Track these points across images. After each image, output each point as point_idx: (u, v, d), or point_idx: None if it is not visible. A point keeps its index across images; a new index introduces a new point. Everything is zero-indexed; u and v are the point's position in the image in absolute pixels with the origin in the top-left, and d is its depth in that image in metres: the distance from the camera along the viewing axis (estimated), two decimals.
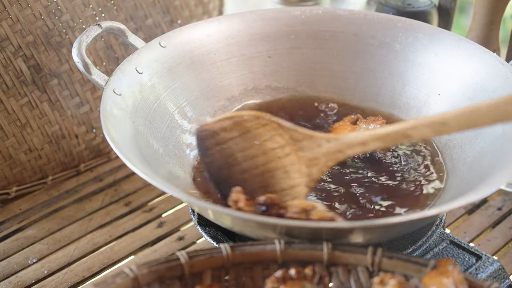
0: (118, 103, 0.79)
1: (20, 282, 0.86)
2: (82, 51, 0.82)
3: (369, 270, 0.65)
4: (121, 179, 1.03)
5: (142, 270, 0.63)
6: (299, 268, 0.63)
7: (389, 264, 0.64)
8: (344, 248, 0.65)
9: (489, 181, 0.69)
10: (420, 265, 0.63)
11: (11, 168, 0.97)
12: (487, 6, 1.00)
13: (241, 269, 0.66)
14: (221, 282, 0.65)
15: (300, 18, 0.95)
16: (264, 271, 0.66)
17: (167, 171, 0.79)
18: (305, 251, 0.65)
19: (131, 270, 0.63)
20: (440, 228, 0.77)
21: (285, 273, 0.63)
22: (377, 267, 0.64)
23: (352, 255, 0.65)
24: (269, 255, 0.65)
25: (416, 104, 0.90)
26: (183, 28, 0.91)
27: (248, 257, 0.65)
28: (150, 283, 0.63)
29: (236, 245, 0.65)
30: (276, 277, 0.63)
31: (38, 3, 0.95)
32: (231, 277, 0.65)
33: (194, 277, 0.65)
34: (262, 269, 0.66)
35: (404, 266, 0.63)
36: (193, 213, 0.81)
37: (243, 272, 0.66)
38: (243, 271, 0.66)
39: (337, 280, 0.64)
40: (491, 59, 0.84)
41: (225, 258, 0.65)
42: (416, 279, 0.63)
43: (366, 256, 0.64)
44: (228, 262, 0.65)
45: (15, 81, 0.95)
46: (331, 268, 0.65)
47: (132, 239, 0.93)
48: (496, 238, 0.91)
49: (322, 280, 0.63)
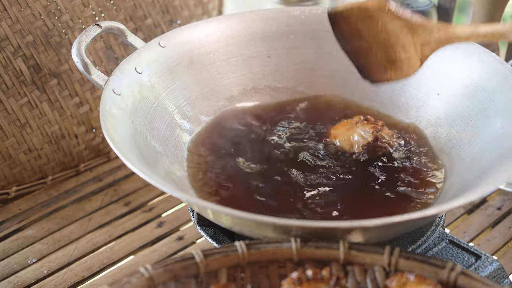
0: (117, 103, 0.79)
1: (20, 282, 0.86)
2: (82, 51, 0.82)
3: (385, 270, 0.64)
4: (120, 179, 1.03)
5: (157, 269, 0.63)
6: (316, 269, 0.63)
7: (406, 265, 0.63)
8: (361, 248, 0.64)
9: (488, 181, 0.69)
10: (437, 266, 0.62)
11: (11, 168, 0.97)
12: (486, 6, 1.00)
13: (257, 268, 0.65)
14: (236, 280, 0.65)
15: (299, 18, 0.95)
16: (280, 269, 0.65)
17: (166, 171, 0.79)
18: (321, 250, 0.64)
19: (146, 269, 0.62)
20: (440, 227, 0.77)
21: (301, 274, 0.63)
22: (394, 267, 0.64)
23: (368, 255, 0.64)
24: (285, 254, 0.65)
25: (416, 104, 0.90)
26: (183, 28, 0.91)
27: (264, 255, 0.65)
28: (165, 282, 0.63)
29: (251, 243, 0.65)
30: (292, 278, 0.62)
31: (38, 3, 0.95)
32: (247, 276, 0.65)
33: (209, 275, 0.64)
34: (278, 267, 0.65)
35: (421, 267, 0.63)
36: (192, 213, 0.81)
37: (258, 270, 0.65)
38: (259, 269, 0.65)
39: (353, 279, 0.64)
40: (490, 58, 0.84)
41: (241, 256, 0.65)
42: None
43: (383, 256, 0.64)
44: (243, 260, 0.65)
45: (15, 81, 0.95)
46: (347, 267, 0.65)
47: (131, 239, 0.93)
48: (496, 237, 0.91)
49: (338, 281, 0.62)
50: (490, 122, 0.80)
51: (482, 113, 0.81)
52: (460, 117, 0.84)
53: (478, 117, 0.82)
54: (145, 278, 0.62)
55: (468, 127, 0.82)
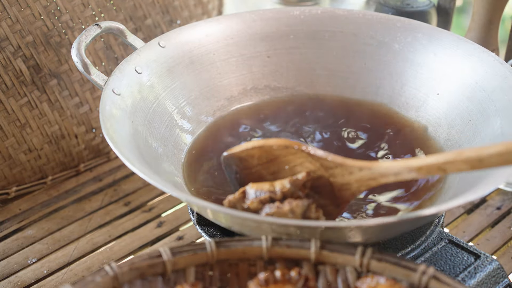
0: (117, 103, 0.79)
1: (20, 282, 0.86)
2: (82, 51, 0.82)
3: (357, 270, 0.63)
4: (120, 179, 1.03)
5: (122, 268, 0.61)
6: (284, 270, 0.62)
7: (378, 266, 0.62)
8: (333, 248, 0.63)
9: (488, 180, 0.69)
10: (409, 269, 0.61)
11: (11, 168, 0.97)
12: (486, 6, 1.00)
13: (226, 266, 0.64)
14: (205, 279, 0.63)
15: (299, 18, 0.96)
16: (250, 267, 0.64)
17: (166, 171, 0.79)
18: (292, 249, 0.63)
19: (111, 267, 0.61)
20: (439, 227, 0.77)
21: (269, 275, 0.61)
22: (366, 268, 0.62)
23: (340, 255, 0.63)
24: (255, 252, 0.63)
25: (415, 104, 0.90)
26: (183, 28, 0.91)
27: (233, 253, 0.63)
28: (131, 281, 0.61)
29: (221, 241, 0.64)
30: (259, 279, 0.61)
31: (38, 3, 0.95)
32: (215, 274, 0.64)
33: (177, 274, 0.63)
34: (248, 265, 0.64)
35: (393, 269, 0.61)
36: (192, 212, 0.81)
37: (228, 268, 0.64)
38: (228, 267, 0.64)
39: (324, 279, 0.63)
40: (490, 58, 0.84)
41: (210, 254, 0.63)
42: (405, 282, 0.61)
43: (355, 257, 0.62)
44: (212, 258, 0.63)
45: (15, 81, 0.95)
46: (319, 266, 0.63)
47: (131, 239, 0.93)
48: (495, 237, 0.91)
49: (307, 283, 0.61)
50: (489, 122, 0.80)
51: (482, 113, 0.81)
52: (459, 117, 0.84)
53: (478, 117, 0.82)
54: (110, 277, 0.60)
55: (467, 127, 0.82)
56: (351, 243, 0.66)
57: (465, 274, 0.72)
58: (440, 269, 0.73)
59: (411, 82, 0.90)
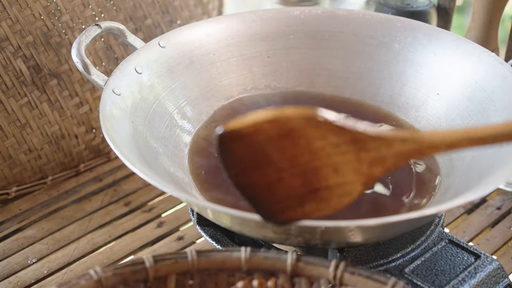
0: (117, 103, 0.79)
1: (20, 282, 0.86)
2: (82, 51, 0.82)
3: (331, 283, 0.64)
4: (120, 179, 1.03)
5: (106, 272, 0.63)
6: (262, 280, 0.63)
7: (351, 279, 0.63)
8: (307, 260, 0.64)
9: (488, 180, 0.69)
10: (380, 282, 0.62)
11: (11, 168, 0.97)
12: (486, 6, 1.00)
13: (206, 275, 0.66)
14: (185, 287, 0.65)
15: (299, 18, 0.96)
16: (229, 278, 0.66)
17: (166, 171, 0.79)
18: (269, 261, 0.65)
19: (95, 272, 0.63)
20: (439, 227, 0.77)
21: (247, 285, 0.63)
22: (339, 281, 0.63)
23: (315, 267, 0.64)
24: (234, 263, 0.65)
25: (415, 104, 0.90)
26: (183, 28, 0.91)
27: (213, 263, 0.65)
28: (114, 285, 0.63)
29: (202, 251, 0.66)
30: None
31: (38, 3, 0.95)
32: (195, 283, 0.65)
33: (158, 281, 0.65)
34: (227, 276, 0.66)
35: (365, 282, 0.63)
36: (192, 212, 0.81)
37: (208, 278, 0.66)
38: (208, 277, 0.66)
39: None
40: (490, 58, 0.84)
41: (190, 263, 0.65)
42: None
43: (329, 270, 0.64)
44: (193, 267, 0.65)
45: (15, 81, 0.95)
46: (294, 279, 0.65)
47: (131, 239, 0.93)
48: (495, 237, 0.91)
49: None
50: (489, 122, 0.80)
51: (482, 113, 0.81)
52: (459, 117, 0.84)
53: (478, 117, 0.82)
54: (94, 281, 0.62)
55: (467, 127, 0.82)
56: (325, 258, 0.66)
57: (465, 274, 0.72)
58: (440, 269, 0.73)
59: (411, 82, 0.90)
